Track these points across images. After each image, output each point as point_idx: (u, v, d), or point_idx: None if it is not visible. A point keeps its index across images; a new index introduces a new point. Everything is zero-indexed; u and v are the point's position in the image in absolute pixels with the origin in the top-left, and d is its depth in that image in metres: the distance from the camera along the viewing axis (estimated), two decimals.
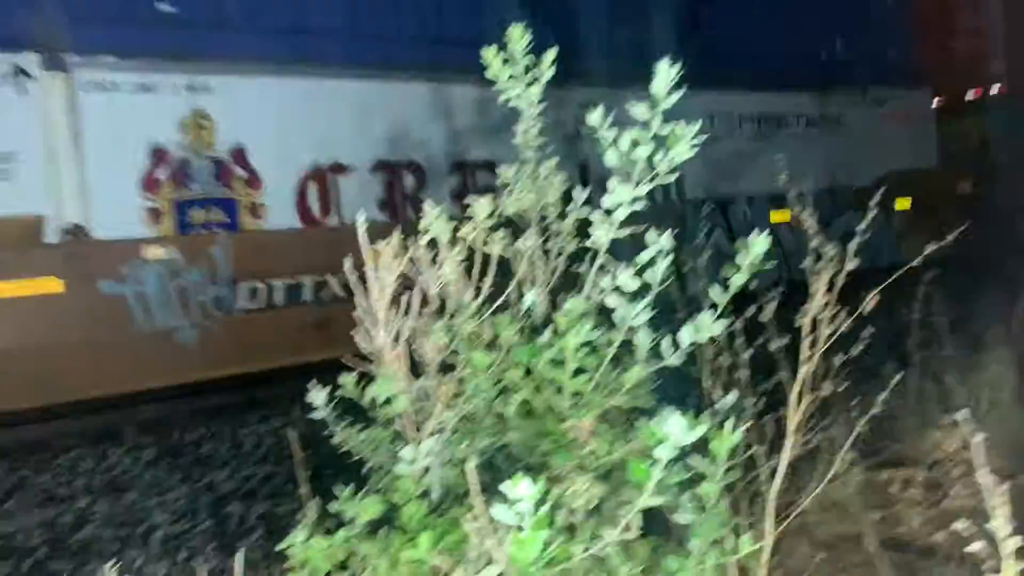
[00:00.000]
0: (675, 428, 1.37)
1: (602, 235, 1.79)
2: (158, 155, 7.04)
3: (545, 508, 1.27)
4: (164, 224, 7.09)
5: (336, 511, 2.25)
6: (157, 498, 5.58)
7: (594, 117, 1.77)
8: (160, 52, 7.01)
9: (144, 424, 6.86)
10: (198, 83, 7.18)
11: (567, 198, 2.36)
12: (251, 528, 5.18)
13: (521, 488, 1.25)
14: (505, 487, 1.27)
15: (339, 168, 8.08)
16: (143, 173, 6.98)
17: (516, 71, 2.25)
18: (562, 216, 2.39)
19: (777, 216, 10.06)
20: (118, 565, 2.61)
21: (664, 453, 1.38)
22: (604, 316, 1.87)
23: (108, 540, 5.00)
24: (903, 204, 11.18)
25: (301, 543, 2.09)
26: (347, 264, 2.02)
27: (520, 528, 1.27)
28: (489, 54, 2.25)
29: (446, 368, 2.11)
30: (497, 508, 1.28)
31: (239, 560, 2.03)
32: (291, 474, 5.99)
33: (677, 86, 1.77)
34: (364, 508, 2.00)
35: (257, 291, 7.46)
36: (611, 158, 1.76)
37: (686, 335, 1.86)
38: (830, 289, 2.47)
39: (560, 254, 2.39)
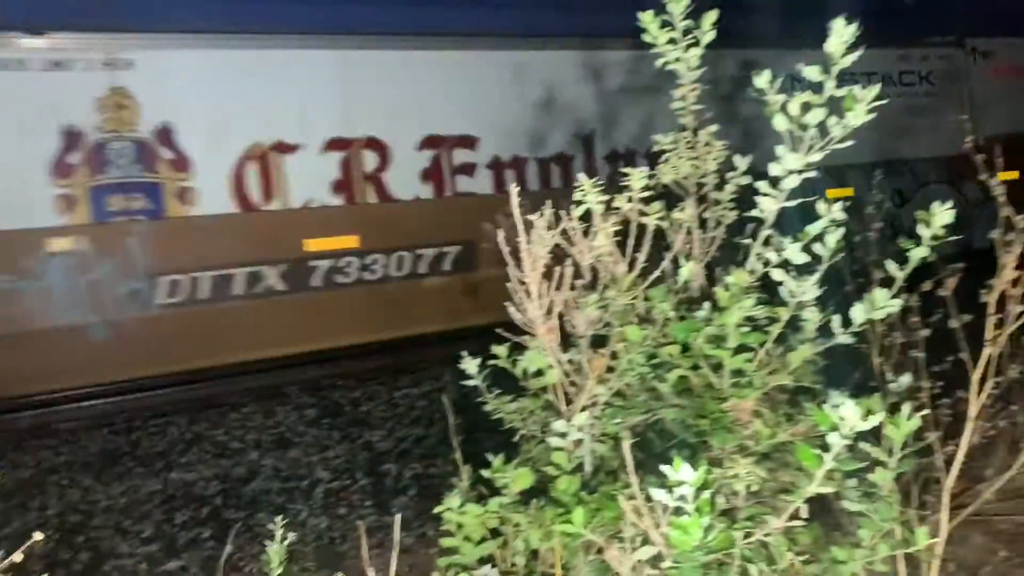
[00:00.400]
0: (849, 413, 1.28)
1: (769, 205, 1.69)
2: (71, 138, 6.49)
3: (707, 493, 1.22)
4: (78, 212, 6.52)
5: (488, 477, 2.28)
6: (319, 455, 5.89)
7: (761, 80, 1.67)
8: (75, 25, 6.38)
9: (306, 384, 7.25)
10: (118, 58, 6.53)
11: (727, 166, 2.26)
12: (405, 487, 5.38)
13: (683, 472, 1.21)
14: (666, 470, 1.22)
15: (285, 147, 7.37)
16: (54, 157, 6.44)
17: (675, 34, 2.16)
18: (721, 185, 2.29)
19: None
20: (284, 518, 2.78)
21: (836, 440, 1.29)
22: (767, 291, 1.77)
23: (275, 492, 5.33)
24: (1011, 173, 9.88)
25: (456, 508, 2.13)
26: (500, 235, 2.02)
27: (680, 512, 1.23)
28: (647, 16, 2.17)
29: (598, 342, 2.08)
30: (657, 491, 1.25)
31: (397, 522, 2.09)
32: (442, 437, 6.20)
33: (852, 45, 1.64)
34: (517, 478, 2.01)
35: (179, 285, 6.92)
36: (779, 123, 1.66)
37: (859, 312, 1.74)
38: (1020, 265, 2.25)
39: (718, 225, 2.29)
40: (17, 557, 1.13)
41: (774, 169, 1.67)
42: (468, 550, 2.16)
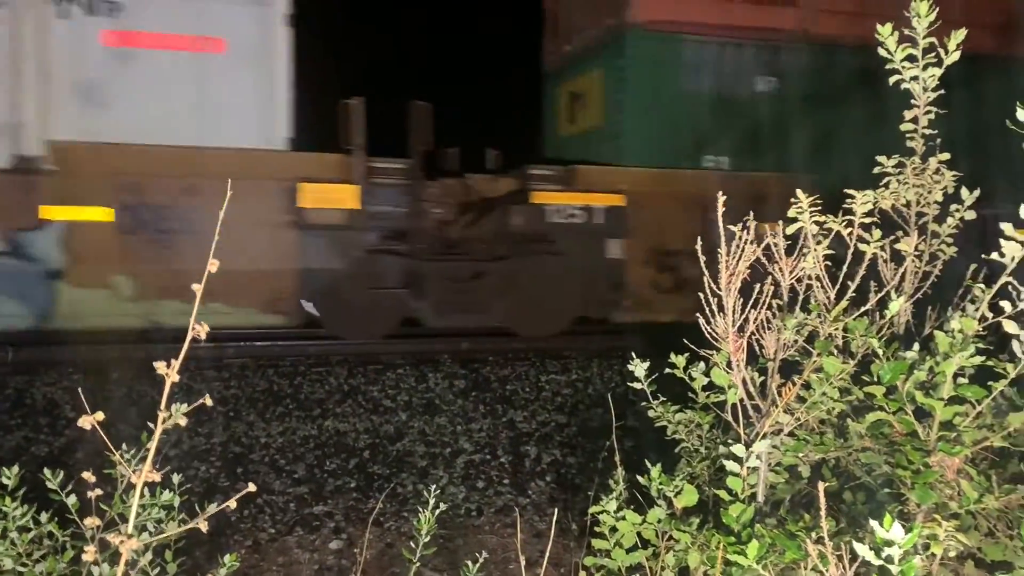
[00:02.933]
0: None
1: (1013, 250, 1.54)
2: None
3: (918, 559, 1.12)
4: None
5: (647, 487, 2.24)
6: (463, 425, 6.02)
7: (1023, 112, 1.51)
8: None
9: (459, 355, 7.43)
10: None
11: (955, 198, 2.08)
12: (542, 472, 5.41)
13: (894, 530, 1.12)
14: (875, 526, 1.14)
15: None
16: None
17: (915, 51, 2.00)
18: (942, 217, 2.12)
19: None
20: (431, 484, 2.84)
21: None
22: (995, 343, 1.62)
23: (420, 455, 5.50)
24: None
25: (613, 512, 2.10)
26: (699, 243, 1.95)
27: (885, 573, 1.14)
28: (885, 30, 2.03)
29: (788, 367, 1.98)
30: (860, 546, 1.16)
31: (554, 518, 2.08)
32: (582, 427, 6.17)
33: None
34: (683, 495, 1.95)
35: None
36: None
37: None
38: None
39: (933, 260, 2.13)
40: (233, 504, 1.19)
41: None
42: (619, 555, 2.13)
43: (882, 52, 2.04)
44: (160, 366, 1.08)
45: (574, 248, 7.94)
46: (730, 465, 1.78)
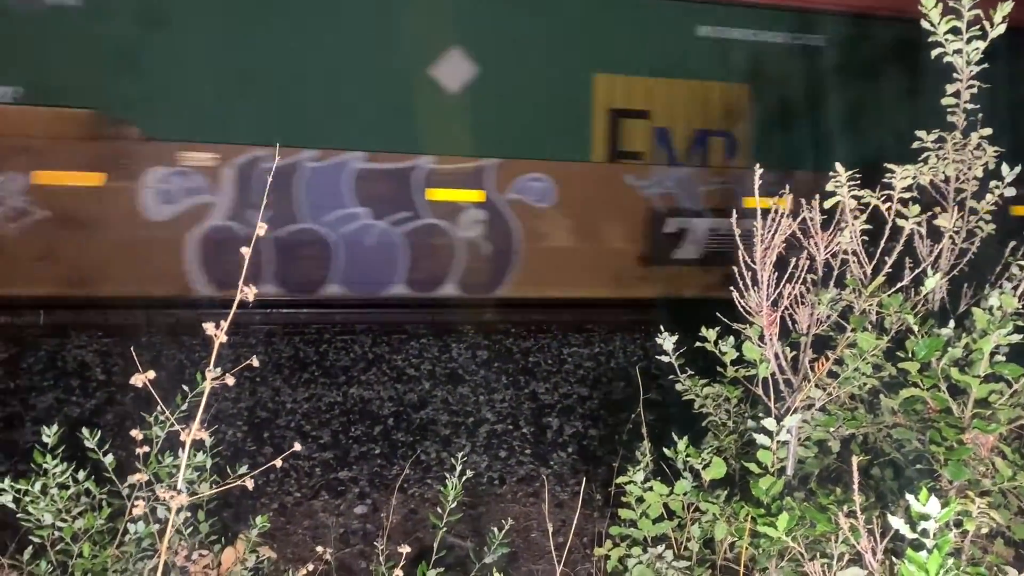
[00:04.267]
0: None
1: None
2: None
3: (953, 533, 1.13)
4: None
5: (673, 459, 2.25)
6: (486, 396, 6.06)
7: None
8: None
9: (482, 326, 7.46)
10: None
11: (994, 174, 2.05)
12: (564, 443, 5.45)
13: (930, 505, 1.12)
14: (911, 500, 1.14)
15: None
16: None
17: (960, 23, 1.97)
18: (981, 193, 2.09)
19: None
20: (458, 452, 2.88)
21: None
22: None
23: (443, 424, 5.55)
24: None
25: (640, 483, 2.12)
26: (733, 218, 1.95)
27: (919, 546, 1.14)
28: (928, 2, 1.99)
29: (820, 342, 1.98)
30: (895, 519, 1.16)
31: (581, 490, 2.10)
32: (604, 400, 6.19)
33: None
34: (712, 468, 1.96)
35: None
36: None
37: None
38: None
39: (971, 236, 2.10)
40: (279, 463, 1.22)
41: None
42: (645, 525, 2.15)
43: (925, 24, 2.01)
44: (209, 327, 1.10)
45: None
46: (760, 438, 1.78)
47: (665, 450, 2.27)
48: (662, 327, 2.56)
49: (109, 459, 2.24)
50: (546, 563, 3.84)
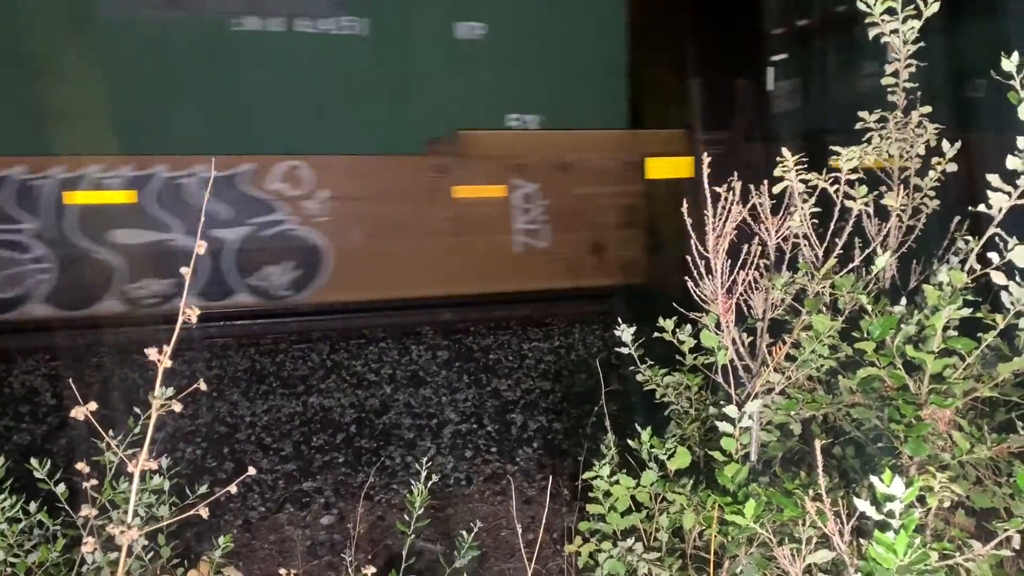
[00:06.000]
0: None
1: (999, 201, 1.54)
2: None
3: (918, 512, 1.13)
4: None
5: (637, 450, 2.25)
6: (449, 396, 6.03)
7: (1009, 62, 1.50)
8: None
9: (440, 326, 7.41)
10: None
11: (936, 151, 2.08)
12: (529, 439, 5.44)
13: (894, 485, 1.12)
14: (875, 481, 1.14)
15: None
16: None
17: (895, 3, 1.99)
18: (924, 171, 2.12)
19: None
20: (422, 456, 2.85)
21: None
22: (982, 294, 1.63)
23: (406, 428, 5.50)
24: None
25: (607, 477, 2.11)
26: (684, 207, 1.94)
27: (885, 527, 1.15)
28: None
29: (776, 326, 1.99)
30: (861, 502, 1.17)
31: (549, 488, 2.09)
32: (567, 392, 6.19)
33: None
34: (676, 457, 1.96)
35: None
36: None
37: None
38: None
39: (917, 214, 2.13)
40: (233, 489, 1.18)
41: (1012, 162, 1.52)
42: (614, 519, 2.14)
43: (861, 5, 2.02)
44: (152, 352, 1.05)
45: None
46: (723, 426, 1.79)
47: (629, 441, 2.27)
48: (619, 319, 2.56)
49: (61, 488, 2.16)
50: (517, 561, 3.82)
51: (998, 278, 1.55)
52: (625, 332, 2.50)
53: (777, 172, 1.83)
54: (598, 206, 8.10)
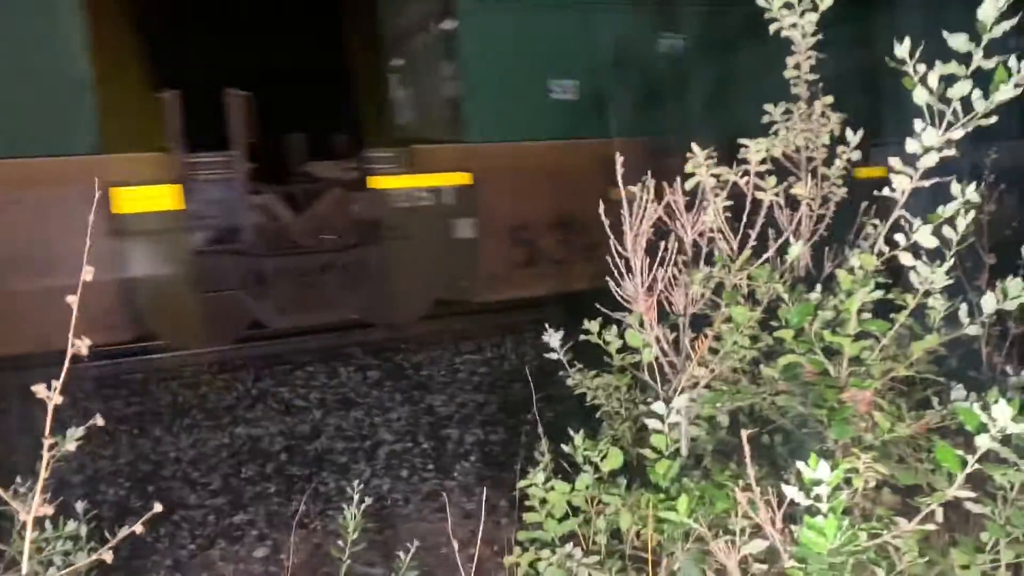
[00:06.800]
0: (1001, 414, 1.18)
1: (902, 184, 1.58)
2: None
3: (844, 494, 1.14)
4: None
5: (572, 455, 2.23)
6: (381, 416, 5.93)
7: (901, 49, 1.55)
8: None
9: (369, 346, 7.30)
10: None
11: (840, 141, 2.14)
12: (467, 452, 5.39)
13: (820, 470, 1.13)
14: (802, 467, 1.15)
15: None
16: None
17: None
18: (830, 160, 2.17)
19: None
20: (354, 480, 2.78)
21: (985, 442, 1.20)
22: (891, 276, 1.67)
23: (339, 452, 5.38)
24: None
25: (542, 484, 2.09)
26: (600, 207, 1.94)
27: (814, 511, 1.15)
28: None
29: (698, 321, 2.00)
30: (789, 488, 1.17)
31: (483, 498, 2.05)
32: (502, 404, 6.16)
33: (1006, 14, 1.51)
34: (608, 458, 1.95)
35: None
36: (919, 96, 1.54)
37: (989, 301, 1.63)
38: None
39: (826, 202, 2.18)
40: (139, 528, 1.11)
41: (911, 146, 1.56)
42: (552, 526, 2.12)
43: (760, 2, 2.06)
44: (40, 390, 0.98)
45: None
46: (652, 423, 1.78)
47: (563, 446, 2.25)
48: (547, 324, 2.55)
49: None
50: None
51: (906, 259, 1.59)
52: (553, 337, 2.49)
53: (688, 167, 1.85)
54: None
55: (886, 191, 1.60)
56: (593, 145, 7.87)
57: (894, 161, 1.58)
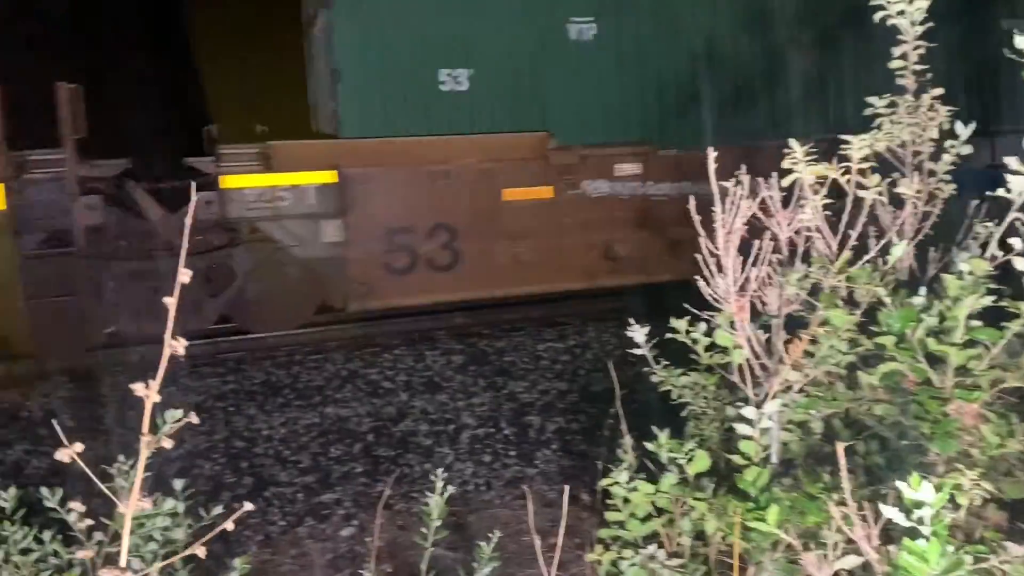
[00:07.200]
0: None
1: (1019, 185, 1.48)
2: None
3: (948, 517, 1.08)
4: None
5: (656, 454, 2.20)
6: (465, 400, 5.99)
7: (1022, 39, 1.45)
8: None
9: (455, 330, 7.37)
10: None
11: (949, 134, 2.02)
12: (547, 440, 5.39)
13: (923, 491, 1.07)
14: (903, 487, 1.09)
15: None
16: None
17: None
18: (938, 155, 2.06)
19: None
20: (438, 466, 2.81)
21: None
22: (1005, 282, 1.57)
23: (423, 434, 5.47)
24: None
25: (625, 484, 2.07)
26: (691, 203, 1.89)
27: (915, 533, 1.10)
28: None
29: (792, 322, 1.93)
30: (889, 509, 1.12)
31: (565, 495, 2.04)
32: (584, 393, 6.14)
33: None
34: (695, 461, 1.91)
35: None
36: None
37: None
38: None
39: (932, 199, 2.07)
40: (229, 526, 1.14)
41: None
42: (635, 526, 2.10)
43: None
44: (138, 387, 1.02)
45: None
46: (741, 428, 1.74)
47: (647, 445, 2.21)
48: (631, 319, 2.51)
49: (73, 517, 2.14)
50: (539, 568, 3.78)
51: (1020, 264, 1.49)
52: (638, 333, 2.45)
53: (785, 164, 1.78)
54: None
55: (1001, 191, 1.50)
56: (492, 141, 7.25)
57: (1011, 160, 1.48)
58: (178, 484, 2.33)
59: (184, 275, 0.96)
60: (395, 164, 7.08)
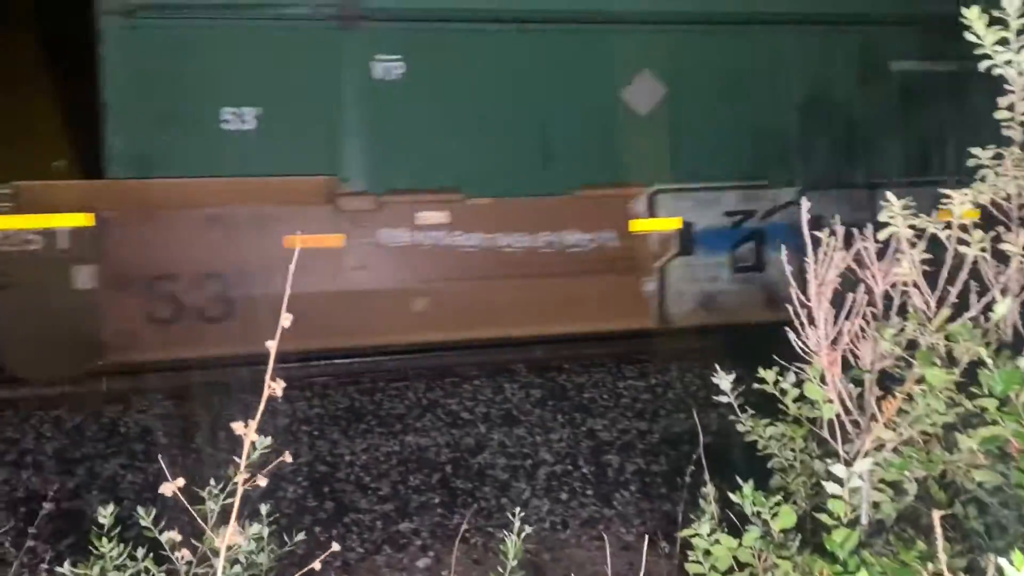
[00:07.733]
0: None
1: None
2: None
3: None
4: None
5: (739, 503, 2.15)
6: (543, 435, 5.98)
7: None
8: None
9: (533, 364, 7.38)
10: None
11: None
12: (626, 481, 5.33)
13: None
14: (1004, 564, 1.04)
15: None
16: None
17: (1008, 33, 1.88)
18: None
19: None
20: (514, 503, 2.82)
21: None
22: None
23: (501, 468, 5.48)
24: None
25: (707, 536, 2.03)
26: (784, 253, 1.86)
27: None
28: (972, 12, 1.90)
29: (886, 378, 1.87)
30: None
31: (645, 544, 2.02)
32: (665, 434, 6.05)
33: None
34: (781, 516, 1.86)
35: None
36: None
37: None
38: None
39: None
40: (317, 565, 1.17)
41: None
42: None
43: (969, 36, 1.92)
44: (238, 426, 1.07)
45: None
46: (830, 487, 1.68)
47: (731, 495, 2.17)
48: (717, 366, 2.47)
49: (166, 537, 2.22)
50: None
51: None
52: (723, 380, 2.41)
53: (882, 217, 1.74)
54: None
55: None
56: (273, 184, 6.70)
57: None
58: (263, 508, 2.40)
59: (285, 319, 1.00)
60: (162, 207, 6.61)
